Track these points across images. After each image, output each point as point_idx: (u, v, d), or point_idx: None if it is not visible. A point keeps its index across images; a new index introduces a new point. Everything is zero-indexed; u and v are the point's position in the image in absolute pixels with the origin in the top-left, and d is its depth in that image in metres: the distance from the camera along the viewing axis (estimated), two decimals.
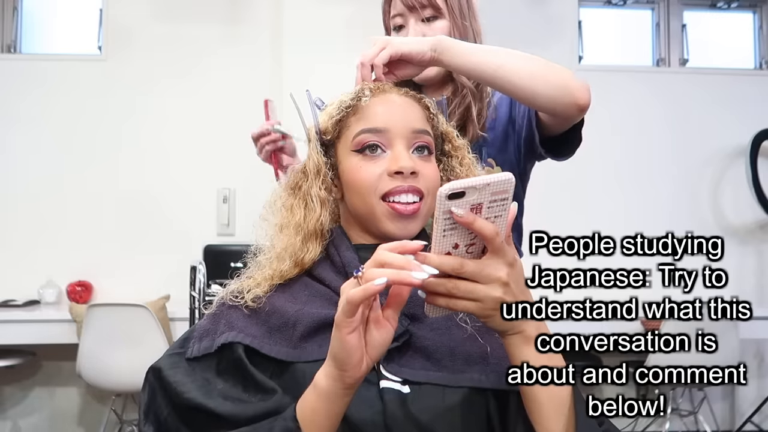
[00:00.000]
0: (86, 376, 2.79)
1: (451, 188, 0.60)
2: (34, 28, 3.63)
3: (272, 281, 0.84)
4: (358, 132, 0.84)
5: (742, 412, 3.56)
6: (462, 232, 0.63)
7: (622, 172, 3.67)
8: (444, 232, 0.62)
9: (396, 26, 1.31)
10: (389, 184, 0.81)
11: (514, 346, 0.69)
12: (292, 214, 0.86)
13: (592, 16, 3.81)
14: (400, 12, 1.29)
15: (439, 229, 0.62)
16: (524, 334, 0.68)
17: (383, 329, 0.65)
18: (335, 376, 0.65)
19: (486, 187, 0.60)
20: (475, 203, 0.61)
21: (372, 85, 0.89)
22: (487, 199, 0.61)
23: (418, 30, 1.27)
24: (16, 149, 3.42)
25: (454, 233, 0.63)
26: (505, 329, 0.68)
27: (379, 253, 0.64)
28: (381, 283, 0.60)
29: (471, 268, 0.63)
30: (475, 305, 0.65)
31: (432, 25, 1.28)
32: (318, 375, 0.67)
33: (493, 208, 0.62)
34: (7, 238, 3.39)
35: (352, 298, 0.61)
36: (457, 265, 0.63)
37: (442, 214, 0.61)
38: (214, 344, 0.78)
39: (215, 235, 3.43)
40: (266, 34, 3.46)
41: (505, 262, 0.64)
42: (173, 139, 3.46)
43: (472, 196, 0.61)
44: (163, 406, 0.75)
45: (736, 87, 3.74)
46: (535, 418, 0.70)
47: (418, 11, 1.28)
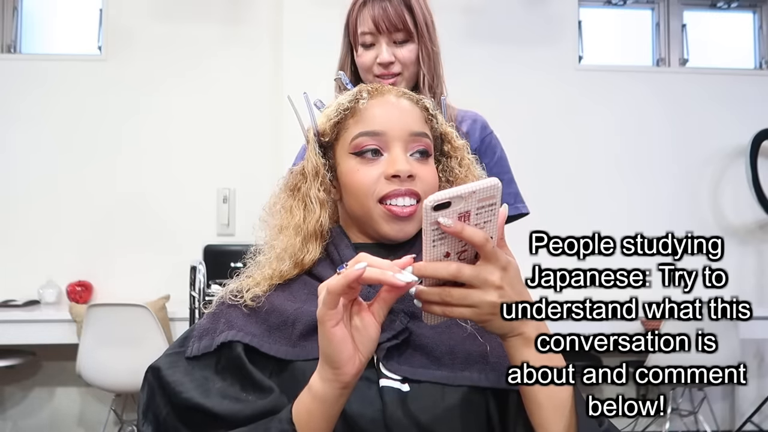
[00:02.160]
0: (86, 376, 2.79)
1: (435, 200, 0.59)
2: (34, 28, 3.64)
3: (272, 281, 0.84)
4: (356, 135, 0.84)
5: (742, 412, 3.56)
6: (452, 241, 0.63)
7: (622, 172, 3.67)
8: (434, 242, 0.62)
9: (365, 43, 1.35)
10: (386, 188, 0.82)
11: (515, 348, 0.68)
12: (291, 215, 0.87)
13: (592, 16, 3.81)
14: (370, 31, 1.33)
15: (429, 240, 0.62)
16: (524, 335, 0.68)
17: (369, 324, 0.64)
18: (329, 377, 0.65)
19: (472, 195, 0.60)
20: (462, 211, 0.61)
21: (370, 87, 0.89)
22: (475, 206, 0.61)
23: (390, 52, 1.32)
24: (16, 149, 3.43)
25: (444, 243, 0.63)
26: (504, 332, 0.68)
27: (362, 255, 0.64)
28: (361, 267, 0.60)
29: (467, 273, 0.63)
30: (471, 311, 0.64)
31: (403, 48, 1.33)
32: (313, 378, 0.67)
33: (481, 214, 0.62)
34: (7, 238, 3.39)
35: (332, 287, 0.61)
36: (454, 272, 0.63)
37: (429, 225, 0.61)
38: (213, 343, 0.78)
39: (215, 235, 3.44)
40: (266, 35, 3.47)
41: (498, 266, 0.64)
42: (173, 139, 3.46)
43: (459, 205, 0.60)
44: (161, 405, 0.75)
45: (736, 87, 3.74)
46: (536, 419, 0.70)
47: (390, 34, 1.32)
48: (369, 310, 0.65)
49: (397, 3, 1.32)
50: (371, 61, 1.35)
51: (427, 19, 1.35)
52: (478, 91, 1.73)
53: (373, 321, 0.65)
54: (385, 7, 1.32)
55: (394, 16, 1.31)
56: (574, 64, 3.69)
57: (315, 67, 3.07)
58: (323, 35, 3.28)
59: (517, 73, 3.59)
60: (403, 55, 1.33)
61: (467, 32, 3.53)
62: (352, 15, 1.37)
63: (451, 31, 1.49)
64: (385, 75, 1.34)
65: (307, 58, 3.18)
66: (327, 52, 3.13)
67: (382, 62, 1.33)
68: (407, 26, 1.32)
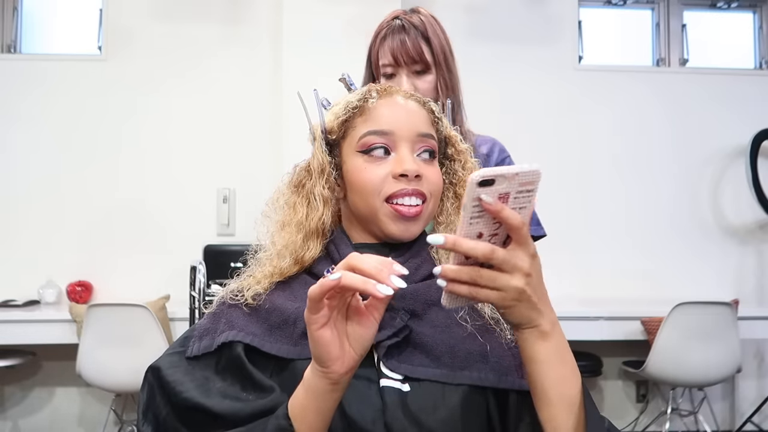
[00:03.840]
0: (86, 376, 2.79)
1: (482, 175, 0.59)
2: (34, 28, 3.64)
3: (272, 278, 0.84)
4: (364, 133, 0.84)
5: (742, 412, 3.56)
6: (487, 221, 0.62)
7: (622, 172, 3.67)
8: (471, 219, 0.61)
9: (386, 74, 1.41)
10: (393, 187, 0.82)
11: (527, 340, 0.68)
12: (294, 211, 0.87)
13: (592, 16, 3.81)
14: (390, 63, 1.39)
15: (467, 216, 0.61)
16: (540, 328, 0.67)
17: (366, 322, 0.64)
18: (319, 373, 0.65)
19: (515, 177, 0.59)
20: (503, 192, 0.60)
21: (378, 87, 0.89)
22: (515, 189, 0.60)
23: (410, 83, 1.37)
24: (17, 149, 3.43)
25: (480, 222, 0.62)
26: (522, 322, 0.67)
27: (352, 256, 0.63)
28: (335, 278, 0.60)
29: (501, 255, 0.62)
30: (497, 294, 0.64)
31: (422, 78, 1.39)
32: (306, 372, 0.68)
33: (519, 198, 0.61)
34: (7, 238, 3.39)
35: (311, 293, 0.62)
36: (488, 251, 0.62)
37: (471, 201, 0.60)
38: (214, 343, 0.79)
39: (215, 235, 3.44)
40: (266, 35, 3.47)
41: (528, 253, 0.64)
42: (173, 139, 3.46)
43: (501, 185, 0.60)
44: (161, 405, 0.75)
45: (736, 87, 3.74)
46: (545, 415, 0.69)
47: (408, 66, 1.38)
48: (366, 309, 0.65)
49: (414, 36, 1.38)
50: None
51: (445, 49, 1.40)
52: (478, 89, 1.73)
53: (370, 320, 0.65)
54: (403, 40, 1.38)
55: (412, 49, 1.37)
56: (574, 64, 3.69)
57: (315, 67, 3.09)
58: (323, 35, 3.30)
59: (517, 72, 3.60)
60: (422, 86, 1.38)
61: (469, 31, 3.53)
62: (374, 48, 1.43)
63: (452, 29, 1.50)
64: None
65: (307, 58, 3.19)
66: (327, 52, 3.16)
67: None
68: (424, 58, 1.38)
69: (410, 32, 1.38)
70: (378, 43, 1.42)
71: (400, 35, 1.38)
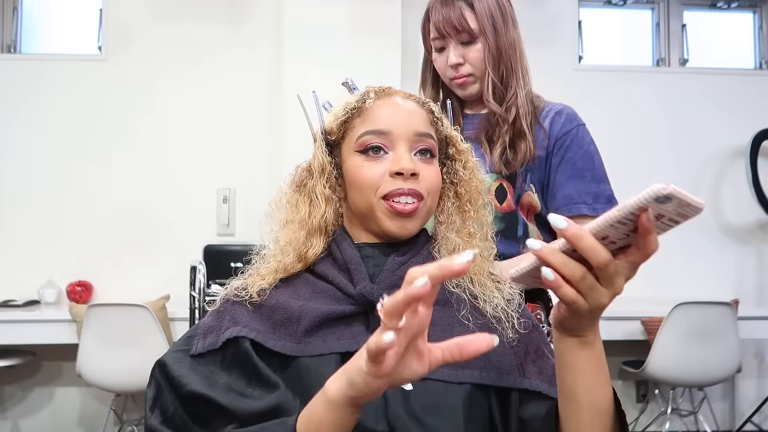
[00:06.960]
0: (86, 376, 2.79)
1: (668, 192, 0.53)
2: (34, 28, 3.64)
3: (276, 275, 0.85)
4: (362, 133, 0.86)
5: (742, 412, 3.56)
6: (624, 231, 0.58)
7: (622, 172, 3.66)
8: (616, 222, 0.57)
9: (437, 48, 1.38)
10: (390, 185, 0.83)
11: (570, 346, 0.67)
12: (297, 210, 0.88)
13: (592, 16, 3.81)
14: (437, 36, 1.36)
15: (614, 216, 0.56)
16: (585, 339, 0.67)
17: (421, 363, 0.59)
18: (348, 397, 0.60)
19: (681, 205, 0.55)
20: (662, 212, 0.56)
21: (377, 88, 0.91)
22: (670, 215, 0.56)
23: (458, 53, 1.34)
24: (17, 149, 3.43)
25: (618, 228, 0.58)
26: (575, 329, 0.66)
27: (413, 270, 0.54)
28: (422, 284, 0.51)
29: (612, 271, 0.59)
30: (581, 300, 0.61)
31: (471, 48, 1.34)
32: (331, 385, 0.62)
33: (664, 224, 0.58)
34: (7, 238, 3.39)
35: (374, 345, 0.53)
36: (605, 261, 0.58)
37: (635, 207, 0.55)
38: (219, 340, 0.79)
39: (215, 235, 3.43)
40: (267, 34, 3.47)
41: (626, 276, 0.62)
42: (173, 138, 3.46)
43: (668, 206, 0.55)
44: (169, 400, 0.76)
45: (736, 87, 3.74)
46: (572, 423, 0.70)
47: (453, 37, 1.34)
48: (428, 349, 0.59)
49: (460, 5, 1.33)
50: (444, 65, 1.37)
51: (494, 13, 1.34)
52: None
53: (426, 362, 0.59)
54: (446, 10, 1.33)
55: (455, 18, 1.32)
56: (574, 64, 3.69)
57: (315, 67, 3.09)
58: (323, 35, 3.30)
59: None
60: (471, 55, 1.34)
61: None
62: (426, 26, 1.39)
63: None
64: (456, 77, 1.36)
65: (307, 58, 3.19)
66: (327, 52, 3.16)
67: (451, 64, 1.35)
68: (467, 26, 1.32)
69: (455, 2, 1.33)
70: (426, 20, 1.38)
71: (443, 8, 1.34)
